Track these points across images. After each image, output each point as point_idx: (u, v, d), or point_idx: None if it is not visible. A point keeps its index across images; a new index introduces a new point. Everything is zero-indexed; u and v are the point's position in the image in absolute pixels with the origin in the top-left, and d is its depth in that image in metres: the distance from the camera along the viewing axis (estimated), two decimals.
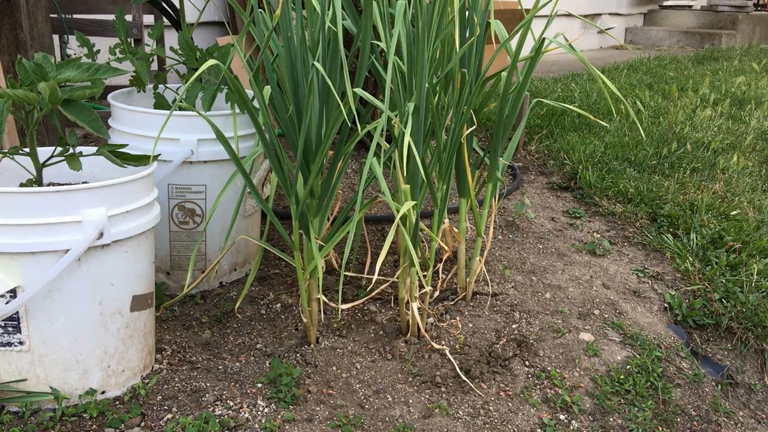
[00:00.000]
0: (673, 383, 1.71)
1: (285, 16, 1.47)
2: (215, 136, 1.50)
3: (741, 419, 1.73)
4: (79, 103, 1.35)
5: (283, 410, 1.44)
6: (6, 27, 2.03)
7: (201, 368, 1.56)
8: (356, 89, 1.43)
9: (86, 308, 1.37)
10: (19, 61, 1.35)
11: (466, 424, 1.46)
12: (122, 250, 1.39)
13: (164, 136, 1.71)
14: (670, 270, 2.22)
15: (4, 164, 1.46)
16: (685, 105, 4.09)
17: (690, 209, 2.51)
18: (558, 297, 1.97)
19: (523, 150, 3.09)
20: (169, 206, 1.78)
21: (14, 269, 1.29)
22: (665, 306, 2.06)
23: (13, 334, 1.34)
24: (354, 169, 2.63)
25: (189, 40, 1.85)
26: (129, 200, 1.39)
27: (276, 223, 1.58)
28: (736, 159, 3.09)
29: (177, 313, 1.78)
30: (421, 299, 1.71)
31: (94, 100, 2.53)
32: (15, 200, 1.27)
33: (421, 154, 1.55)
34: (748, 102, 4.26)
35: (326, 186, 1.58)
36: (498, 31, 1.68)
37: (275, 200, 2.32)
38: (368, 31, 1.47)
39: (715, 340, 2.05)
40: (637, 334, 1.85)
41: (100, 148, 1.43)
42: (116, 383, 1.45)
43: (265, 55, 1.52)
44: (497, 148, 1.73)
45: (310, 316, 1.65)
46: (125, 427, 1.36)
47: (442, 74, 1.59)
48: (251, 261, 1.94)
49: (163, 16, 2.63)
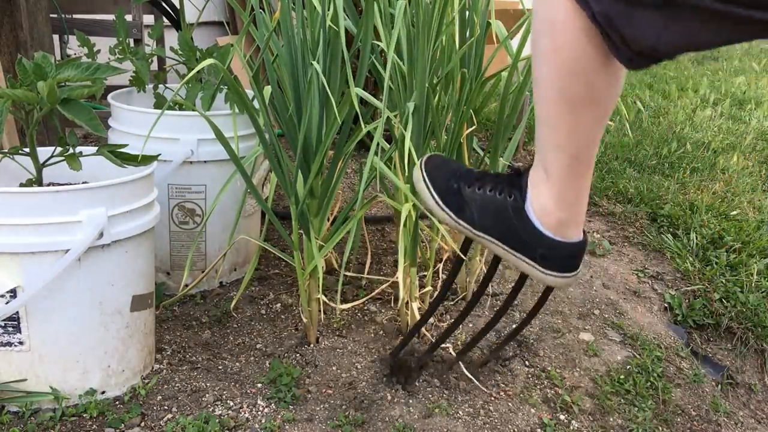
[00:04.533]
0: (673, 383, 1.71)
1: (285, 16, 1.47)
2: (215, 136, 1.50)
3: (741, 419, 1.73)
4: (78, 103, 1.35)
5: (283, 410, 1.44)
6: (6, 27, 2.03)
7: (201, 368, 1.56)
8: (356, 89, 1.43)
9: (86, 308, 1.37)
10: (19, 60, 1.35)
11: (466, 424, 1.46)
12: (122, 250, 1.39)
13: (164, 136, 1.71)
14: (670, 270, 2.22)
15: (4, 164, 1.46)
16: (685, 105, 4.09)
17: (690, 209, 2.51)
18: (558, 297, 1.97)
19: (523, 150, 3.09)
20: (169, 206, 1.78)
21: (14, 269, 1.29)
22: (665, 306, 2.06)
23: (13, 334, 1.34)
24: (354, 169, 2.63)
25: (189, 40, 1.85)
26: (129, 200, 1.39)
27: (276, 222, 1.58)
28: (736, 159, 3.09)
29: (177, 313, 1.78)
30: (421, 299, 1.71)
31: (94, 100, 2.53)
32: (15, 200, 1.27)
33: (422, 153, 1.55)
34: (748, 102, 4.26)
35: (326, 186, 1.58)
36: (498, 31, 1.68)
37: (275, 200, 2.32)
38: (369, 31, 1.47)
39: (715, 340, 2.05)
40: (637, 334, 1.85)
41: (100, 148, 1.43)
42: (116, 383, 1.45)
43: (266, 55, 1.52)
44: (497, 148, 1.73)
45: (310, 316, 1.65)
46: (125, 427, 1.36)
47: (443, 74, 1.59)
48: (251, 261, 1.94)
49: (163, 16, 2.63)
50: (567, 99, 0.99)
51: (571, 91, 0.98)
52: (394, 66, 1.48)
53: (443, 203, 1.25)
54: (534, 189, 1.15)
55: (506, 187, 1.19)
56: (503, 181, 1.21)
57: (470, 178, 1.25)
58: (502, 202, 1.19)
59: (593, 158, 1.10)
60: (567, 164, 1.07)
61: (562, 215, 1.14)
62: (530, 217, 1.16)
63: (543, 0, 0.95)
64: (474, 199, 1.22)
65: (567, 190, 1.11)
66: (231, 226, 1.73)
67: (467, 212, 1.23)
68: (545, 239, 1.16)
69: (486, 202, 1.21)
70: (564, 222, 1.15)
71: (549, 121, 1.04)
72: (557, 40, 0.94)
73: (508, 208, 1.18)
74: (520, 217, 1.17)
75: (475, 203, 1.22)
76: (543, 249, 1.17)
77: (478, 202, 1.21)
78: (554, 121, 1.03)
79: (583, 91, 0.98)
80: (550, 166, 1.09)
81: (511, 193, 1.18)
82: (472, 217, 1.22)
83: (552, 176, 1.10)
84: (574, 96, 0.98)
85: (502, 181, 1.21)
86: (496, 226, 1.20)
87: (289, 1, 1.47)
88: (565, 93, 0.98)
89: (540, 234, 1.16)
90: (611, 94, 1.00)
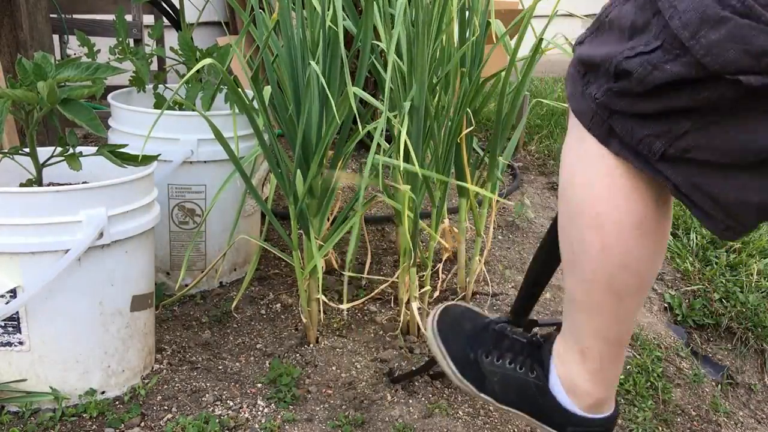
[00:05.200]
0: (673, 383, 1.71)
1: (285, 16, 1.47)
2: (215, 136, 1.50)
3: (741, 419, 1.73)
4: (78, 103, 1.35)
5: (283, 410, 1.44)
6: (6, 27, 2.03)
7: (201, 368, 1.56)
8: (354, 89, 1.43)
9: (86, 308, 1.37)
10: (19, 61, 1.35)
11: (466, 424, 1.46)
12: (122, 250, 1.39)
13: (164, 136, 1.71)
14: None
15: (4, 164, 1.46)
16: None
17: None
18: (558, 297, 1.97)
19: (523, 150, 3.09)
20: (169, 206, 1.78)
21: (14, 269, 1.29)
22: (665, 306, 2.06)
23: (13, 334, 1.34)
24: (354, 169, 2.63)
25: (189, 41, 1.85)
26: (129, 200, 1.39)
27: (275, 222, 1.58)
28: None
29: (177, 313, 1.78)
30: (422, 299, 1.71)
31: (94, 100, 2.53)
32: (15, 200, 1.27)
33: (421, 153, 1.55)
34: None
35: (326, 186, 1.58)
36: (498, 31, 1.68)
37: (275, 200, 2.32)
38: (368, 31, 1.47)
39: (715, 340, 2.05)
40: (637, 334, 1.85)
41: (100, 148, 1.43)
42: (116, 383, 1.45)
43: (265, 55, 1.52)
44: (497, 148, 1.73)
45: (310, 316, 1.65)
46: (125, 427, 1.36)
47: (442, 74, 1.59)
48: (251, 261, 1.94)
49: (163, 16, 2.63)
50: (617, 290, 0.90)
51: (621, 282, 0.89)
52: (394, 66, 1.48)
53: (462, 376, 1.16)
54: (564, 366, 1.05)
55: (527, 359, 1.11)
56: (523, 351, 1.12)
57: (487, 344, 1.16)
58: (524, 380, 1.10)
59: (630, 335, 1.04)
60: (608, 347, 0.99)
61: (600, 395, 1.04)
62: (556, 395, 1.06)
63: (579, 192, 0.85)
64: (494, 373, 1.14)
65: (606, 371, 1.02)
66: (231, 226, 1.73)
67: (488, 386, 1.15)
68: (576, 418, 1.06)
69: (507, 378, 1.12)
70: (601, 401, 1.05)
71: (590, 309, 0.95)
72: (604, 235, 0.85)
73: (530, 386, 1.09)
74: (545, 395, 1.08)
75: (495, 377, 1.14)
76: (573, 427, 1.07)
77: (499, 377, 1.13)
78: (598, 309, 0.94)
79: (635, 280, 0.89)
80: (590, 351, 1.00)
81: (533, 369, 1.09)
82: (494, 391, 1.14)
83: (592, 361, 1.01)
84: (626, 287, 0.90)
85: (521, 351, 1.12)
86: (522, 402, 1.12)
87: (288, 1, 1.47)
88: (614, 285, 0.89)
89: (570, 414, 1.06)
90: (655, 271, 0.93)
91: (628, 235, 0.84)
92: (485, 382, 1.15)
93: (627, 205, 0.82)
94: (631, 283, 0.90)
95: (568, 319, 1.02)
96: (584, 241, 0.88)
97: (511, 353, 1.13)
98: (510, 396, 1.13)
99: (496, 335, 1.17)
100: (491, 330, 1.18)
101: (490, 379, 1.14)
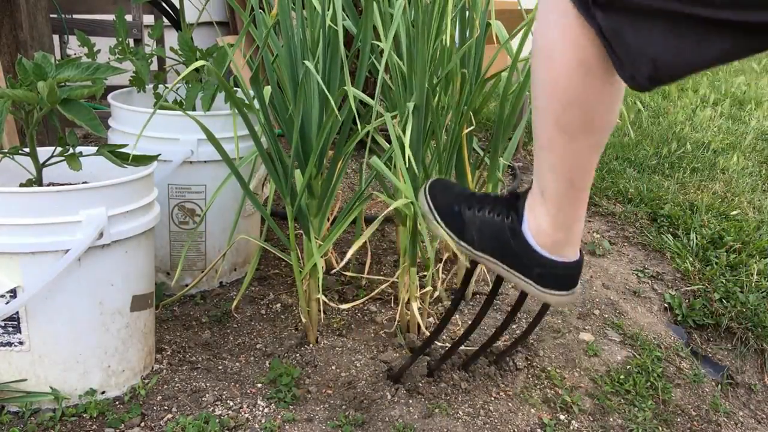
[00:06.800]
0: (673, 383, 1.71)
1: (285, 16, 1.47)
2: (206, 138, 1.50)
3: (741, 419, 1.73)
4: (78, 103, 1.35)
5: (283, 410, 1.44)
6: (6, 27, 2.03)
7: (201, 368, 1.56)
8: (352, 89, 1.43)
9: (86, 308, 1.37)
10: (19, 61, 1.35)
11: (466, 424, 1.46)
12: (122, 250, 1.39)
13: (164, 135, 1.71)
14: (670, 270, 2.22)
15: (4, 164, 1.46)
16: (685, 105, 4.09)
17: (690, 209, 2.51)
18: None
19: (523, 150, 3.09)
20: (169, 206, 1.78)
21: (14, 269, 1.29)
22: (665, 306, 2.06)
23: (13, 334, 1.34)
24: (354, 169, 2.63)
25: (189, 41, 1.85)
26: (129, 200, 1.39)
27: (272, 223, 1.58)
28: (736, 159, 3.09)
29: (177, 313, 1.78)
30: (422, 299, 1.71)
31: (94, 100, 2.53)
32: (15, 200, 1.27)
33: (421, 153, 1.55)
34: (748, 102, 4.26)
35: (326, 186, 1.58)
36: (498, 32, 1.68)
37: (275, 200, 2.32)
38: (368, 31, 1.47)
39: (715, 340, 2.05)
40: (637, 334, 1.85)
41: (100, 148, 1.43)
42: (116, 383, 1.45)
43: (265, 55, 1.52)
44: (497, 148, 1.73)
45: (310, 316, 1.65)
46: (125, 427, 1.36)
47: (442, 74, 1.59)
48: (251, 261, 1.94)
49: (163, 16, 2.63)
50: (563, 127, 1.01)
51: (567, 119, 1.00)
52: (394, 66, 1.48)
53: (446, 225, 1.29)
54: (531, 211, 1.19)
55: (504, 209, 1.23)
56: (502, 203, 1.25)
57: (471, 201, 1.28)
58: (499, 224, 1.23)
59: (589, 184, 1.14)
60: (562, 188, 1.11)
61: (558, 236, 1.18)
62: (527, 237, 1.20)
63: (542, 30, 0.97)
64: (474, 221, 1.26)
65: (562, 213, 1.15)
66: (231, 226, 1.73)
67: (468, 234, 1.27)
68: (541, 259, 1.20)
69: (485, 224, 1.25)
70: (560, 243, 1.19)
71: (546, 146, 1.07)
72: (555, 70, 0.96)
73: (505, 229, 1.22)
74: (517, 237, 1.21)
75: (474, 225, 1.26)
76: (540, 268, 1.21)
77: (478, 224, 1.26)
78: (551, 146, 1.06)
79: (579, 119, 1.00)
80: (546, 189, 1.13)
81: (509, 215, 1.22)
82: (472, 238, 1.26)
83: (548, 199, 1.14)
84: (571, 124, 1.01)
85: (501, 204, 1.25)
86: (495, 247, 1.24)
87: (288, 1, 1.47)
88: (561, 121, 1.01)
89: (536, 254, 1.20)
90: (607, 123, 1.02)
91: (574, 72, 0.94)
92: (464, 230, 1.27)
93: (576, 42, 0.92)
94: (577, 121, 1.00)
95: (534, 164, 1.14)
96: (539, 78, 1.00)
97: (490, 205, 1.26)
98: (486, 242, 1.25)
99: (480, 196, 1.30)
100: (477, 194, 1.31)
101: (470, 227, 1.26)
